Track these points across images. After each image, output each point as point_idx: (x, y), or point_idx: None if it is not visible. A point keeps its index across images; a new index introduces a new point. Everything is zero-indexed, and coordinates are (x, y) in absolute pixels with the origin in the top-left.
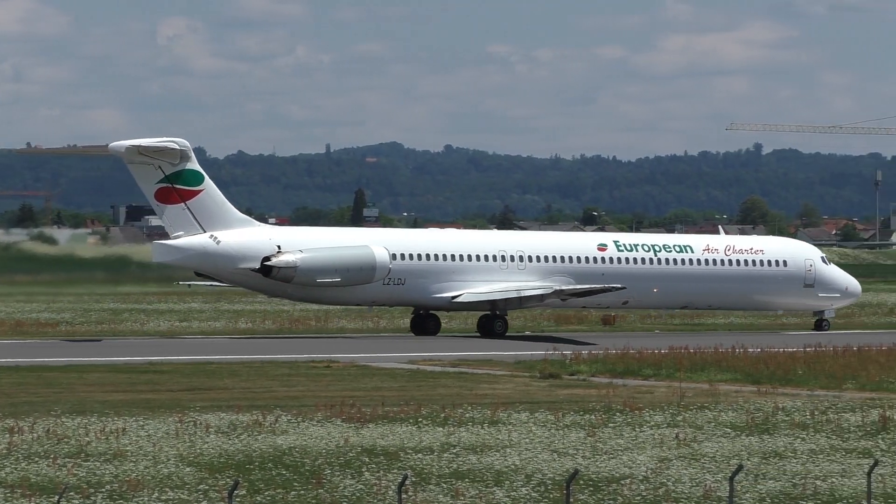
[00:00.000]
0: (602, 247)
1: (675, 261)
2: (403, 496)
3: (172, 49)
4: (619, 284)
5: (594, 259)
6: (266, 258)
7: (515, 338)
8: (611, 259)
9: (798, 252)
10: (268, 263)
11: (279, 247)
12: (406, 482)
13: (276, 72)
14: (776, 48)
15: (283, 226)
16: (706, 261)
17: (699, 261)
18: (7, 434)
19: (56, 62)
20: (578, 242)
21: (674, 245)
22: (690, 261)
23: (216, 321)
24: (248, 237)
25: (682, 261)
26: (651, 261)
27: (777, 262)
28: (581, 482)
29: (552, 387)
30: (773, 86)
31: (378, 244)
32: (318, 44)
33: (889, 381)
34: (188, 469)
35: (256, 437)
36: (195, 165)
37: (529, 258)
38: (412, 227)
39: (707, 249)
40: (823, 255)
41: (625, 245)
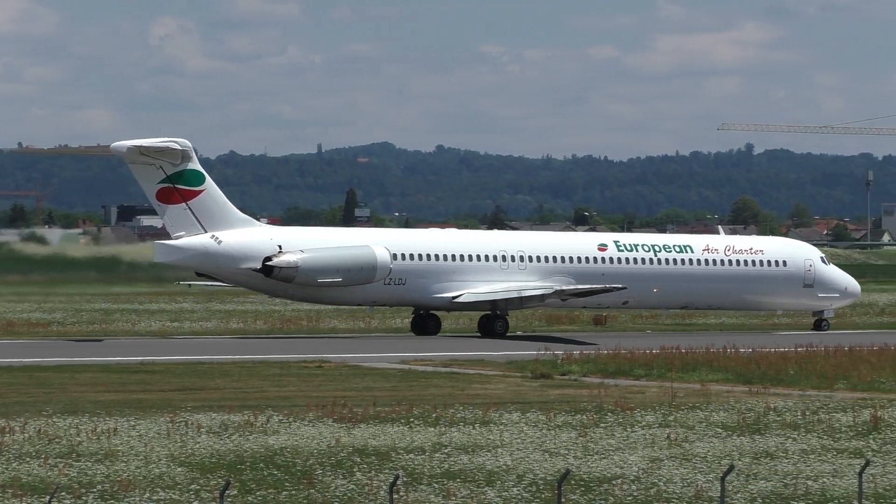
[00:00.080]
0: (602, 247)
1: (675, 261)
2: (395, 496)
3: (164, 49)
4: (620, 285)
5: (594, 259)
6: (267, 258)
7: (516, 338)
8: (611, 259)
9: (798, 252)
10: (269, 263)
11: (280, 247)
12: (397, 482)
13: (268, 72)
14: (768, 49)
15: (275, 226)
16: (706, 261)
17: (699, 261)
18: None
19: (48, 62)
20: (579, 243)
21: (674, 245)
22: (690, 261)
23: (208, 321)
24: (250, 237)
25: (682, 261)
26: (651, 261)
27: (777, 263)
28: (572, 482)
29: (544, 387)
30: (765, 86)
31: (379, 244)
32: (310, 44)
33: (880, 381)
34: (179, 469)
35: (248, 437)
36: (196, 165)
37: (530, 258)
38: (403, 227)
39: (707, 249)
40: (823, 256)
41: (625, 245)
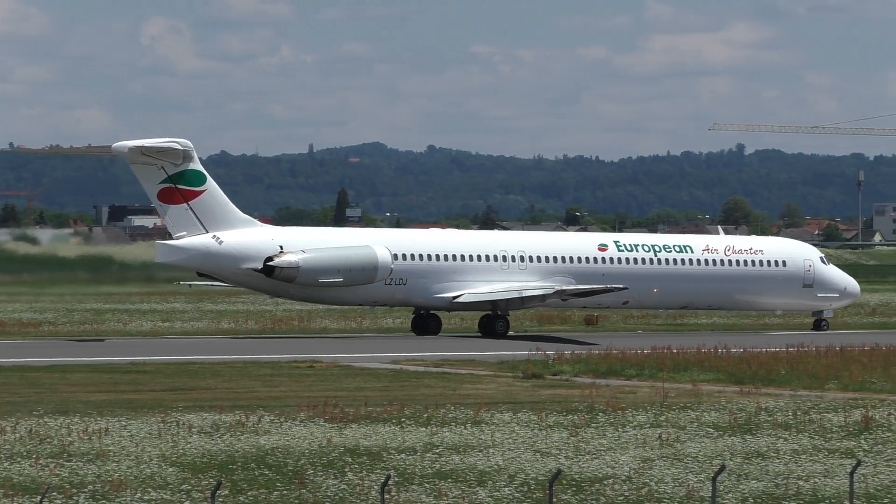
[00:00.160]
0: (602, 247)
1: (675, 261)
2: (386, 496)
3: (156, 49)
4: (621, 285)
5: (595, 259)
6: (268, 258)
7: (517, 338)
8: (611, 259)
9: (797, 252)
10: (270, 264)
11: (281, 247)
12: (389, 482)
13: (260, 72)
14: (759, 49)
15: (276, 226)
16: (706, 261)
17: (699, 261)
18: None
19: (39, 62)
20: (579, 243)
21: (674, 245)
22: (690, 261)
23: (199, 321)
24: (251, 237)
25: (682, 261)
26: (651, 261)
27: (776, 263)
28: (564, 482)
29: (535, 387)
30: (756, 86)
31: (380, 244)
32: (302, 44)
33: (871, 382)
34: (171, 469)
35: (239, 438)
36: (198, 166)
37: (530, 258)
38: (395, 227)
39: (707, 249)
40: (822, 256)
41: (625, 245)
